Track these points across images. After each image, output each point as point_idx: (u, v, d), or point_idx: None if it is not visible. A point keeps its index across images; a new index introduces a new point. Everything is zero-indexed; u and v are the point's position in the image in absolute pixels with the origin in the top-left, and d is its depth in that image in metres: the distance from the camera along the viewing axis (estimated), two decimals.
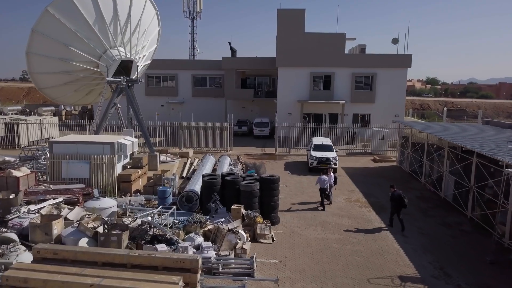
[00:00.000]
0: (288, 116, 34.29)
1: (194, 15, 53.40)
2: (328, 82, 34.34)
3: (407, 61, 33.49)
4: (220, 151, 29.24)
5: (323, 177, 15.56)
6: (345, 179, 21.08)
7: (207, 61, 43.93)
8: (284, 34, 33.80)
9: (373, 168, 24.03)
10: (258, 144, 33.56)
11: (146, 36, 23.90)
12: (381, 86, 33.95)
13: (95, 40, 21.29)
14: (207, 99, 43.85)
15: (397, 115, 34.22)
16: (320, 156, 22.08)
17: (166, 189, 14.64)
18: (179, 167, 23.24)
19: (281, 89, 34.84)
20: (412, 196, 17.92)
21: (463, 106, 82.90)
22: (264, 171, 21.37)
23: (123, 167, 17.40)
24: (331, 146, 23.49)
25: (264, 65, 39.46)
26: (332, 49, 33.50)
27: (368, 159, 27.16)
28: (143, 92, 44.43)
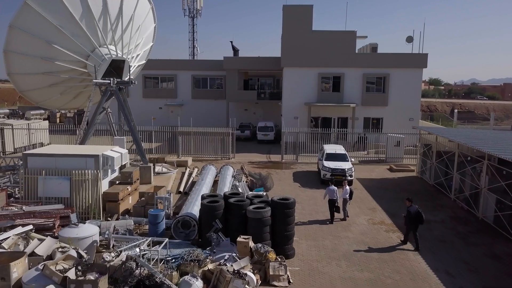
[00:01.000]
0: (294, 120, 31.95)
1: (194, 13, 51.08)
2: (337, 84, 31.99)
3: (422, 60, 31.14)
4: (222, 159, 26.93)
5: (332, 187, 14.57)
6: (363, 193, 18.73)
7: (208, 61, 41.64)
8: (290, 32, 31.48)
9: (391, 180, 21.67)
10: (263, 150, 31.23)
11: (140, 33, 21.57)
12: (394, 88, 31.60)
13: (82, 37, 18.97)
14: (208, 101, 41.57)
15: (411, 119, 31.88)
16: (334, 167, 19.73)
17: (158, 213, 12.29)
18: (176, 178, 20.92)
19: (287, 91, 32.51)
20: (443, 215, 15.57)
21: (471, 108, 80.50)
22: (271, 184, 19.05)
23: (111, 183, 15.07)
24: (346, 155, 21.14)
25: (268, 65, 37.14)
26: (342, 48, 31.17)
27: (384, 168, 24.81)
28: (140, 94, 42.23)
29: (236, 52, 38.83)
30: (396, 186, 20.11)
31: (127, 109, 19.67)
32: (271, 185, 18.97)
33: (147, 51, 23.97)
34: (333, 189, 14.49)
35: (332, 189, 14.49)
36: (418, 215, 12.07)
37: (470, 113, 77.27)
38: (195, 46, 51.92)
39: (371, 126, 32.24)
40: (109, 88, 18.54)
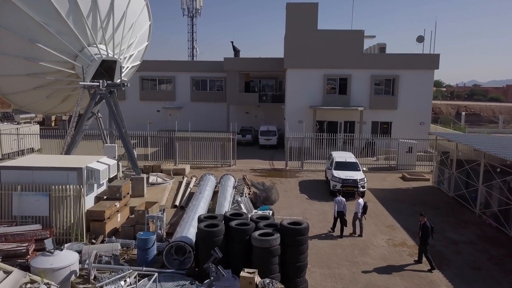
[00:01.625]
0: (298, 124, 30.29)
1: (193, 13, 49.43)
2: (344, 86, 30.33)
3: (434, 61, 29.48)
4: (222, 166, 25.28)
5: (339, 198, 13.79)
6: (377, 206, 17.05)
7: (208, 62, 39.99)
8: (294, 32, 29.83)
9: (405, 190, 19.98)
10: (265, 155, 29.56)
11: (133, 32, 19.93)
12: (404, 90, 29.93)
13: (69, 36, 17.33)
14: (208, 103, 39.91)
15: (422, 123, 30.22)
16: (345, 177, 18.04)
17: (148, 237, 10.61)
18: (173, 189, 19.24)
19: (290, 94, 30.84)
20: (470, 234, 13.88)
21: (476, 110, 78.79)
22: (276, 197, 17.37)
23: (97, 198, 13.39)
24: (357, 164, 19.45)
25: (271, 66, 35.50)
26: (349, 48, 29.51)
27: (396, 176, 23.12)
28: (137, 96, 40.64)
29: (237, 52, 37.20)
30: (412, 198, 18.42)
31: (119, 115, 17.99)
32: (276, 198, 17.29)
33: (142, 51, 22.33)
34: (341, 200, 13.70)
35: (340, 200, 13.70)
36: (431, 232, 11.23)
37: (476, 116, 75.61)
38: (194, 47, 50.29)
39: (379, 131, 30.55)
40: (98, 91, 16.86)
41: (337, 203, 13.67)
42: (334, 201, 13.87)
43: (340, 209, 13.58)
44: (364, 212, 13.56)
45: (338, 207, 13.62)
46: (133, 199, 16.04)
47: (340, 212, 13.56)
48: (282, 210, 16.31)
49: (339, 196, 13.97)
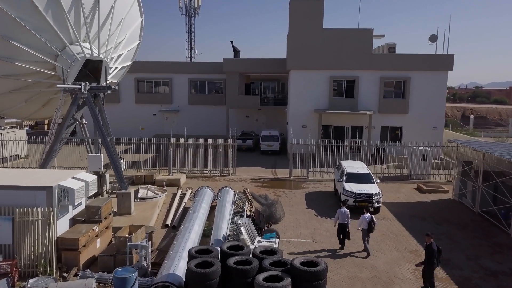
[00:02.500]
0: (302, 129, 28.39)
1: (191, 12, 47.52)
2: (351, 88, 28.41)
3: (448, 62, 27.55)
4: (221, 175, 23.33)
5: (343, 209, 12.84)
6: (395, 225, 15.08)
7: (206, 63, 38.07)
8: (298, 30, 27.93)
9: (423, 204, 18.02)
10: (267, 162, 27.61)
11: (122, 29, 18.02)
12: (415, 93, 28.00)
13: (48, 33, 15.42)
14: (206, 107, 38.02)
15: (435, 128, 28.28)
16: (358, 192, 16.07)
17: (128, 276, 8.65)
18: (165, 203, 17.29)
19: (293, 96, 28.92)
20: (510, 263, 11.90)
21: (483, 113, 76.82)
22: (281, 214, 15.40)
23: (73, 221, 11.43)
24: (370, 175, 17.49)
25: (273, 67, 33.59)
26: (357, 48, 27.60)
27: (410, 187, 21.16)
28: (132, 99, 38.76)
29: (237, 53, 35.29)
30: (433, 214, 16.44)
31: (104, 121, 16.05)
32: (281, 215, 15.32)
33: (133, 51, 20.40)
34: (345, 212, 12.78)
35: (344, 212, 12.77)
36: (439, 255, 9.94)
37: (483, 119, 73.68)
38: (192, 48, 48.35)
39: (389, 137, 28.62)
40: (79, 94, 14.91)
41: (341, 215, 12.72)
42: (338, 212, 12.87)
43: (343, 221, 12.68)
44: (370, 229, 12.25)
45: (342, 219, 12.70)
46: (118, 218, 14.11)
47: (342, 225, 12.68)
48: (289, 230, 14.35)
49: (343, 207, 12.98)
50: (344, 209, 12.89)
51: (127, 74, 38.92)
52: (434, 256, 9.85)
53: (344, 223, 12.68)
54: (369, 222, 12.17)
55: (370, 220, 12.18)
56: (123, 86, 38.61)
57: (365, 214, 12.38)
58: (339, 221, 12.76)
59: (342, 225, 12.70)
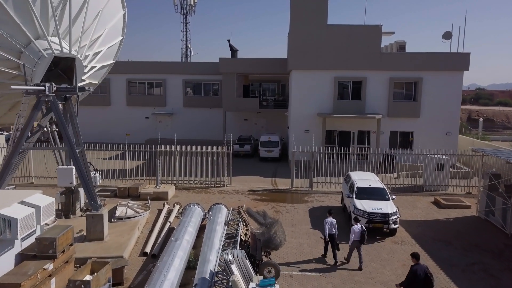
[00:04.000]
0: (305, 135, 26.14)
1: (187, 9, 45.27)
2: (358, 90, 26.14)
3: (463, 61, 25.29)
4: (215, 186, 21.07)
5: (330, 219, 12.26)
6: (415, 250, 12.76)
7: (202, 63, 35.92)
8: (300, 27, 25.68)
9: (445, 223, 15.71)
10: (266, 171, 25.34)
11: (100, 23, 15.76)
12: (428, 95, 25.73)
13: (8, 25, 13.19)
14: (202, 109, 35.82)
15: (448, 133, 26.01)
16: (372, 211, 13.77)
17: None
18: (149, 222, 15.02)
19: (295, 99, 26.65)
20: None
21: (489, 115, 74.52)
22: (281, 237, 13.12)
23: (21, 257, 9.13)
24: (385, 190, 15.18)
25: (273, 67, 31.34)
26: (364, 47, 25.35)
27: (427, 201, 18.87)
28: (123, 101, 36.62)
29: (235, 52, 33.03)
30: (459, 237, 14.13)
31: (75, 128, 13.75)
32: (281, 239, 13.04)
33: (116, 48, 18.11)
34: (332, 222, 12.22)
35: (331, 222, 12.21)
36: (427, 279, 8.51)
37: (489, 121, 71.35)
38: (188, 47, 46.08)
39: (399, 143, 26.34)
40: (43, 97, 12.63)
41: (328, 226, 12.13)
42: (325, 223, 12.21)
43: (331, 231, 12.08)
44: (361, 241, 11.52)
45: (330, 230, 12.09)
46: (87, 245, 11.83)
47: (330, 235, 12.06)
48: (290, 259, 12.08)
49: (329, 217, 12.33)
50: (330, 219, 12.22)
51: (118, 75, 37.04)
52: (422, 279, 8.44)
53: (331, 234, 12.07)
54: (361, 233, 11.48)
55: (362, 230, 11.50)
56: (114, 88, 36.44)
57: (355, 225, 11.69)
58: (328, 231, 12.09)
59: (330, 236, 12.08)
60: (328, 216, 12.39)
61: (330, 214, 12.46)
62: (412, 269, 8.58)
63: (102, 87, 36.77)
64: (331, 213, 12.54)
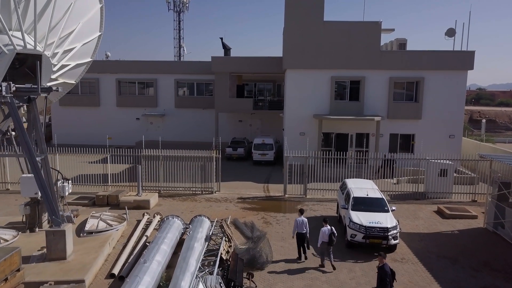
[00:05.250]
0: (300, 137, 24.77)
1: (180, 7, 43.86)
2: (356, 90, 24.78)
3: (467, 60, 23.93)
4: (202, 193, 19.72)
5: (301, 218, 12.22)
6: (418, 270, 11.39)
7: (195, 62, 34.63)
8: (295, 24, 24.33)
9: (450, 236, 14.33)
10: (259, 176, 23.99)
11: (72, 17, 14.36)
12: (430, 96, 24.38)
13: None
14: (195, 110, 34.48)
15: (452, 135, 24.65)
16: (370, 225, 12.38)
17: None
18: (124, 235, 13.65)
19: (290, 100, 25.31)
20: None
21: (491, 116, 73.11)
22: (268, 253, 11.80)
23: None
24: (384, 200, 13.79)
25: (268, 67, 29.98)
26: (363, 44, 23.99)
27: (429, 210, 17.49)
28: (113, 102, 35.29)
29: (228, 51, 31.67)
30: (467, 253, 12.74)
31: (38, 133, 12.39)
32: (268, 256, 11.69)
33: (93, 44, 16.68)
34: (303, 221, 12.16)
35: (302, 221, 12.15)
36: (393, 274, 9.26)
37: (491, 122, 69.93)
38: (181, 46, 44.69)
39: (399, 146, 24.99)
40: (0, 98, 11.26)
41: (298, 226, 12.06)
42: (295, 222, 12.19)
43: (301, 231, 12.00)
44: (330, 243, 11.42)
45: (300, 229, 12.02)
46: (46, 266, 10.45)
47: (300, 235, 11.99)
48: (277, 283, 10.67)
49: (300, 216, 12.24)
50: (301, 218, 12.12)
51: (108, 75, 35.67)
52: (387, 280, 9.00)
53: (301, 233, 11.95)
54: (329, 235, 11.40)
55: (330, 232, 11.42)
56: (103, 88, 35.10)
57: (324, 227, 11.57)
58: (298, 231, 12.00)
59: (300, 235, 11.97)
60: (299, 215, 12.32)
61: (302, 213, 12.37)
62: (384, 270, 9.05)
63: (91, 87, 35.53)
64: (302, 212, 12.43)
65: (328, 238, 11.38)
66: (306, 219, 12.27)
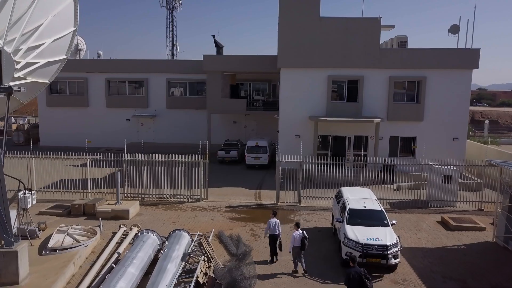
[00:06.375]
0: (295, 140, 23.43)
1: (173, 4, 42.47)
2: (354, 90, 23.42)
3: (472, 58, 22.55)
4: (188, 200, 18.40)
5: (273, 220, 11.94)
6: None
7: (187, 61, 33.30)
8: (290, 20, 22.96)
9: (456, 252, 12.97)
10: (252, 180, 22.70)
11: (39, 10, 12.98)
12: (432, 96, 23.00)
13: None
14: (187, 111, 33.14)
15: (455, 138, 23.27)
16: (367, 242, 11.02)
17: None
18: (95, 251, 12.30)
19: (284, 100, 23.96)
20: None
21: (493, 116, 71.69)
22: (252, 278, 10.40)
23: None
24: (383, 213, 12.41)
25: (262, 66, 28.62)
26: (361, 42, 22.63)
27: (432, 220, 16.14)
28: (102, 102, 33.91)
29: (220, 49, 30.31)
30: (476, 272, 11.37)
31: None
32: (252, 281, 10.32)
33: (67, 41, 15.24)
34: (275, 222, 12.03)
35: (274, 222, 12.01)
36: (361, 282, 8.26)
37: (494, 123, 68.52)
38: (174, 44, 43.31)
39: (400, 149, 23.65)
40: None
41: (271, 227, 11.89)
42: (267, 224, 12.01)
43: (273, 232, 11.87)
44: (302, 248, 11.22)
45: (272, 230, 11.88)
46: None
47: (272, 236, 11.85)
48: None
49: (273, 217, 12.11)
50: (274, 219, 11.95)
51: (97, 74, 34.24)
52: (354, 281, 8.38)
53: (273, 235, 11.85)
54: (301, 239, 11.17)
55: (303, 237, 11.20)
56: (92, 88, 33.74)
57: (295, 231, 11.33)
58: (270, 233, 11.87)
59: (272, 236, 11.86)
60: (271, 217, 12.19)
61: (275, 215, 12.28)
62: (346, 272, 8.49)
63: (79, 87, 34.20)
64: (275, 213, 12.38)
65: (300, 242, 11.18)
66: (279, 221, 12.16)
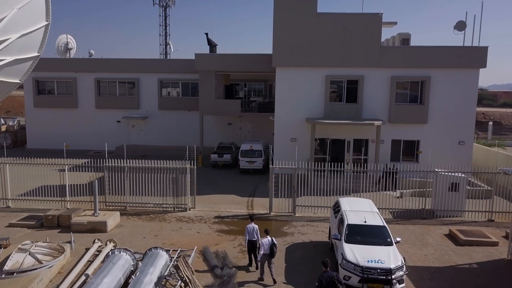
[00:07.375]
0: (291, 143, 22.10)
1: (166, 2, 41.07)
2: (353, 91, 22.06)
3: (480, 57, 21.19)
4: (175, 210, 17.06)
5: (252, 225, 11.71)
6: None
7: (180, 60, 31.97)
8: (286, 17, 21.61)
9: (467, 272, 11.61)
10: (246, 186, 21.37)
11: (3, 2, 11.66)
12: (437, 98, 21.65)
13: None
14: (179, 112, 31.82)
15: (461, 142, 21.92)
16: (368, 265, 9.64)
17: None
18: (61, 272, 10.93)
19: (280, 101, 22.63)
20: None
21: (496, 117, 70.29)
22: None
23: None
24: (386, 229, 11.02)
25: (257, 65, 27.19)
26: (361, 39, 21.27)
27: (439, 233, 14.76)
28: (92, 103, 32.56)
29: (213, 47, 28.90)
30: None
31: None
32: None
33: (40, 36, 13.92)
34: (253, 228, 11.67)
35: (253, 228, 11.67)
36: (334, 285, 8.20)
37: (497, 124, 67.11)
38: (167, 43, 41.92)
39: (402, 153, 22.28)
40: None
41: (249, 232, 11.70)
42: (246, 229, 11.78)
43: (252, 238, 11.63)
44: (271, 255, 10.80)
45: (251, 236, 11.67)
46: None
47: (251, 242, 11.64)
48: None
49: (251, 223, 11.90)
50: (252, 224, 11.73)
51: (86, 73, 32.82)
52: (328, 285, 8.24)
53: (252, 240, 11.63)
54: (271, 247, 10.83)
55: (272, 244, 10.87)
56: (81, 88, 32.38)
57: (264, 238, 11.04)
58: (248, 238, 11.66)
59: (251, 242, 11.65)
60: (250, 222, 11.96)
61: (252, 220, 12.04)
62: (318, 277, 8.41)
63: (67, 87, 32.86)
64: (252, 219, 12.13)
65: (269, 250, 10.80)
66: (257, 226, 11.88)
